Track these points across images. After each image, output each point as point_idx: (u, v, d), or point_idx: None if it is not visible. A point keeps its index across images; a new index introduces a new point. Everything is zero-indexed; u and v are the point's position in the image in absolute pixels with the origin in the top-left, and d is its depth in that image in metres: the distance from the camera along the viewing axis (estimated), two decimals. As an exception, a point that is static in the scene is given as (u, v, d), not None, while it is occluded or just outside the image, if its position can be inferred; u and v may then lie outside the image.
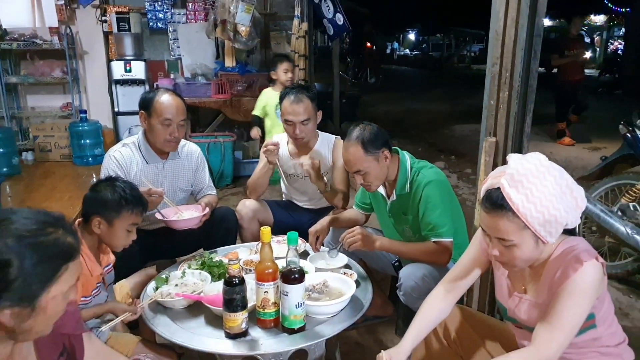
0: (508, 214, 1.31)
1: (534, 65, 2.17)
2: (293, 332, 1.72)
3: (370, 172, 2.16)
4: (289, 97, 2.63)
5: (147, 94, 2.45)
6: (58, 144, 5.04)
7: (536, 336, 1.38)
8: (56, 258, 0.98)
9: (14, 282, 0.92)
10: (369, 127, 2.17)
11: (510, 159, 1.36)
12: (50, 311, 0.99)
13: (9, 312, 0.93)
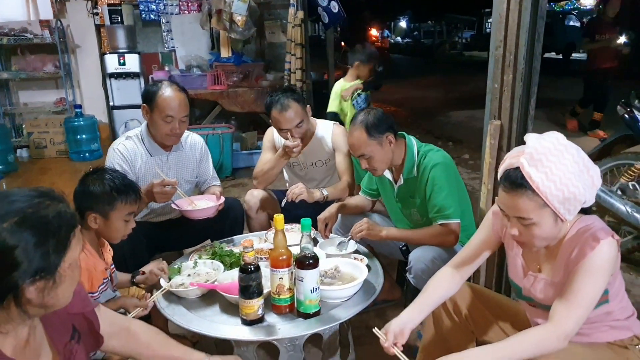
0: (528, 193, 1.33)
1: (538, 47, 2.18)
2: (309, 317, 1.74)
3: (374, 156, 2.18)
4: (275, 107, 2.57)
5: (150, 87, 2.41)
6: (53, 140, 5.00)
7: (554, 313, 1.40)
8: (64, 228, 1.00)
9: (30, 259, 0.94)
10: (373, 112, 2.19)
11: (528, 139, 1.37)
12: (69, 279, 1.03)
13: (33, 288, 0.96)
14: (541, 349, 1.38)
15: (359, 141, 2.17)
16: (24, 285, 0.94)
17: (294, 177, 2.96)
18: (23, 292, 0.95)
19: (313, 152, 2.78)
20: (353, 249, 2.20)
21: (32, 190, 1.01)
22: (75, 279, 1.06)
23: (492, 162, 2.36)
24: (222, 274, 1.94)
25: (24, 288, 0.95)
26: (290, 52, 5.13)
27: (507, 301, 1.85)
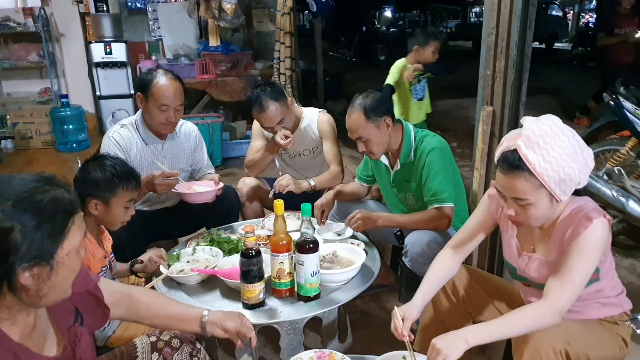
0: (525, 174, 1.36)
1: (529, 34, 2.22)
2: (309, 300, 1.77)
3: (371, 139, 2.20)
4: (254, 106, 2.60)
5: (145, 76, 2.40)
6: (39, 131, 4.91)
7: (549, 290, 1.45)
8: (61, 213, 0.98)
9: (25, 244, 0.92)
10: (371, 95, 2.21)
11: (525, 122, 1.41)
12: (67, 268, 1.00)
13: (28, 274, 0.94)
14: (537, 325, 1.43)
15: (357, 124, 2.19)
16: (18, 270, 0.93)
17: (285, 165, 2.98)
18: (17, 277, 0.93)
19: (299, 141, 2.79)
20: (350, 233, 2.23)
21: (34, 175, 1.00)
22: (75, 268, 1.04)
23: (484, 148, 2.40)
24: (221, 259, 1.96)
25: (18, 273, 0.93)
26: (279, 40, 5.11)
27: (501, 282, 1.90)
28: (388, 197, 2.50)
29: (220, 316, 1.42)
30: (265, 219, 2.42)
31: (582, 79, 9.77)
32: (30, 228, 0.92)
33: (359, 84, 9.56)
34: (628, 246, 3.28)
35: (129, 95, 5.15)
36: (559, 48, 17.29)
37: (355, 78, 10.05)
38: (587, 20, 20.41)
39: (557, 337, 1.43)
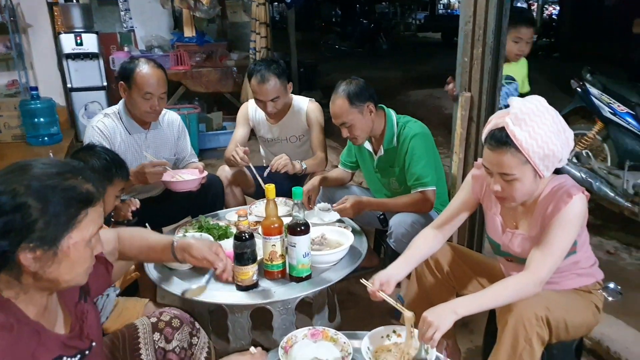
0: (512, 150, 1.45)
1: (505, 21, 2.31)
2: (301, 280, 1.82)
3: (355, 125, 2.26)
4: (256, 76, 2.62)
5: (127, 64, 2.39)
6: (8, 124, 4.79)
7: (530, 262, 1.54)
8: (74, 202, 0.98)
9: (33, 223, 0.93)
10: (355, 81, 2.27)
11: (512, 101, 1.49)
12: (73, 257, 1.00)
13: (31, 255, 0.94)
14: (520, 294, 1.52)
15: (341, 109, 2.24)
16: (20, 248, 0.93)
17: (269, 153, 3.01)
18: (18, 255, 0.93)
19: (288, 126, 2.84)
20: (337, 217, 2.28)
21: (62, 162, 1.02)
22: (84, 260, 1.03)
23: (462, 133, 2.49)
24: (213, 244, 1.98)
25: (19, 251, 0.93)
26: (255, 31, 5.11)
27: (484, 258, 1.99)
28: (371, 182, 2.57)
29: (189, 243, 1.46)
30: (252, 206, 2.45)
31: (546, 69, 10.07)
32: (40, 210, 0.93)
33: (331, 75, 9.63)
34: (596, 225, 3.45)
35: (101, 87, 5.07)
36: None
37: (328, 69, 10.09)
38: (550, 12, 20.94)
39: (538, 305, 1.51)
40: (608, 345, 2.16)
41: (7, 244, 0.92)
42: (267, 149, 3.01)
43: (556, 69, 9.53)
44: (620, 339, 2.19)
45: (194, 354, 1.47)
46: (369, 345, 1.54)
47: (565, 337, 1.63)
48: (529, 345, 1.48)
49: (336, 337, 1.59)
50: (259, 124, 2.91)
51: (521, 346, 1.48)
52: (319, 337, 1.61)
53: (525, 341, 1.48)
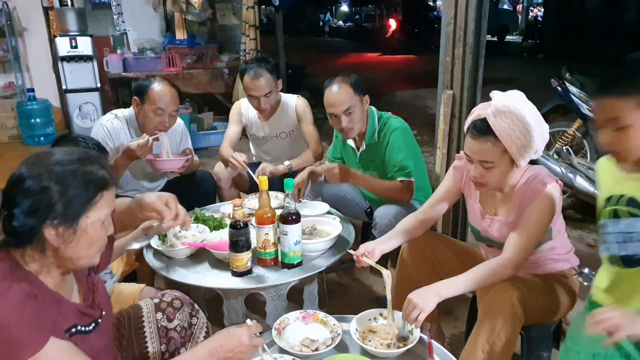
0: (491, 139, 1.57)
1: (484, 23, 2.45)
2: (292, 267, 1.92)
3: (355, 113, 2.36)
4: (248, 72, 2.74)
5: (142, 82, 2.51)
6: (5, 125, 4.88)
7: (507, 246, 1.66)
8: (92, 185, 1.10)
9: (56, 203, 1.04)
10: (351, 75, 2.39)
11: (494, 95, 1.62)
12: (90, 235, 1.11)
13: (54, 231, 1.06)
14: (498, 275, 1.64)
15: (346, 95, 2.33)
16: (45, 224, 1.04)
17: (259, 151, 3.11)
18: (43, 231, 1.04)
19: (278, 122, 2.95)
20: (326, 209, 2.39)
21: (81, 151, 1.15)
22: (99, 240, 1.14)
23: (445, 129, 2.62)
24: (208, 234, 2.09)
25: (45, 227, 1.04)
26: (245, 33, 5.22)
27: (466, 245, 2.12)
28: (355, 176, 2.68)
29: (141, 196, 1.47)
30: (245, 199, 2.55)
31: (531, 70, 10.28)
32: (62, 191, 1.05)
33: (317, 76, 9.77)
34: (577, 219, 3.60)
35: (95, 88, 5.16)
36: (510, 41, 17.98)
37: (314, 71, 10.22)
38: (535, 14, 21.25)
39: (515, 287, 1.62)
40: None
41: (34, 221, 1.04)
42: (259, 147, 3.11)
43: (540, 69, 9.71)
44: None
45: (193, 333, 1.57)
46: (357, 327, 1.64)
47: (541, 319, 1.74)
48: (506, 324, 1.58)
49: (326, 320, 1.69)
50: (251, 122, 3.01)
51: (499, 325, 1.58)
52: (310, 320, 1.71)
53: (503, 320, 1.58)
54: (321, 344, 1.58)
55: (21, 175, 1.05)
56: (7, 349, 0.99)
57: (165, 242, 2.06)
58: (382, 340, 1.61)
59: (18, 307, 1.00)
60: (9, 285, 1.02)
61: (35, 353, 1.00)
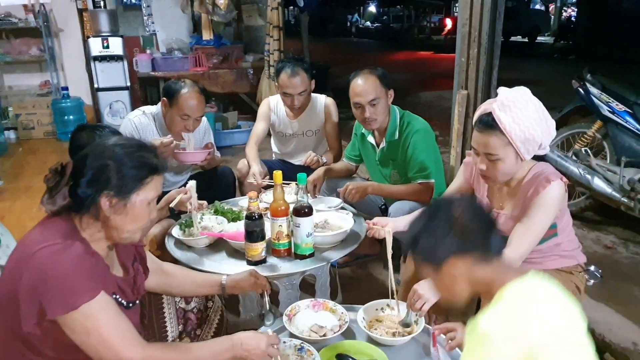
0: (497, 132, 1.63)
1: (499, 24, 2.49)
2: (304, 258, 2.01)
3: (379, 104, 2.42)
4: (285, 70, 2.83)
5: (173, 84, 2.61)
6: (41, 121, 5.11)
7: (512, 239, 1.70)
8: (145, 167, 1.27)
9: (112, 178, 1.21)
10: (379, 68, 2.46)
11: (500, 90, 1.68)
12: (137, 211, 1.26)
13: (108, 202, 1.22)
14: None
15: (373, 85, 2.40)
16: (103, 193, 1.21)
17: (283, 148, 3.21)
18: (100, 199, 1.22)
19: (307, 121, 3.05)
20: (340, 205, 2.47)
21: (139, 140, 1.36)
22: (144, 217, 1.29)
23: (459, 128, 2.67)
24: (226, 225, 2.20)
25: (102, 196, 1.22)
26: (269, 34, 5.33)
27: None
28: (374, 174, 2.75)
29: (236, 280, 1.67)
30: (262, 193, 2.65)
31: (562, 71, 10.11)
32: (119, 169, 1.22)
33: (343, 77, 9.83)
34: (595, 221, 3.57)
35: (125, 87, 5.36)
36: (541, 42, 17.69)
37: (339, 72, 10.27)
38: (569, 14, 20.82)
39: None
40: (593, 327, 2.30)
41: (93, 190, 1.21)
42: (283, 145, 3.20)
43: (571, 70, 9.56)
44: (605, 322, 2.33)
45: (209, 316, 1.68)
46: (364, 316, 1.72)
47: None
48: None
49: (335, 308, 1.77)
50: (279, 119, 3.10)
51: None
52: (320, 308, 1.79)
53: None
54: (329, 330, 1.66)
55: (88, 152, 1.24)
56: (67, 293, 1.13)
57: (185, 232, 2.19)
58: (387, 328, 1.68)
59: (79, 259, 1.16)
60: (72, 241, 1.19)
61: (88, 301, 1.15)
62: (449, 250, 1.15)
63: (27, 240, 1.22)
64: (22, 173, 4.13)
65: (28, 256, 1.16)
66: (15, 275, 1.16)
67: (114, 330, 1.18)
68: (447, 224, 1.15)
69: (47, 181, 1.23)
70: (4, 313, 1.21)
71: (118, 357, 1.17)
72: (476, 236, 1.15)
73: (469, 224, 1.15)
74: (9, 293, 1.17)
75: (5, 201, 3.24)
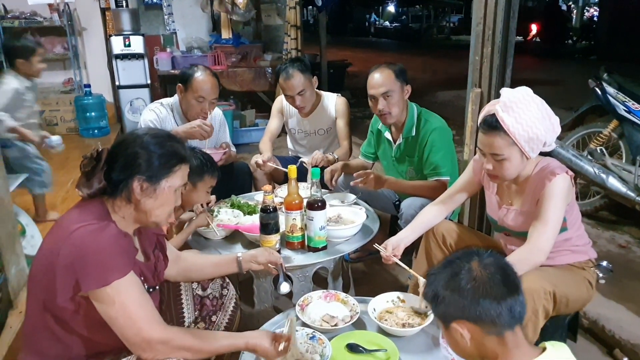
0: (500, 133, 1.66)
1: (513, 23, 2.50)
2: (317, 250, 2.06)
3: (394, 98, 2.46)
4: (282, 74, 2.92)
5: (187, 70, 2.72)
6: (64, 118, 5.26)
7: (530, 236, 1.73)
8: (174, 157, 1.37)
9: (144, 164, 1.31)
10: (397, 64, 2.51)
11: (502, 91, 1.71)
12: (165, 196, 1.35)
13: (139, 185, 1.31)
14: (524, 265, 1.67)
15: (386, 78, 2.44)
16: (134, 178, 1.31)
17: (298, 145, 3.27)
18: (132, 182, 1.31)
19: (318, 119, 3.10)
20: (353, 200, 2.52)
21: (165, 132, 1.43)
22: (169, 203, 1.38)
23: (473, 125, 2.68)
24: (242, 218, 2.26)
25: (134, 180, 1.31)
26: (287, 33, 5.40)
27: (486, 236, 2.20)
28: (389, 171, 2.78)
29: (251, 254, 1.76)
30: (278, 189, 2.72)
31: (582, 72, 9.97)
32: (150, 155, 1.32)
33: (360, 76, 9.86)
34: (609, 220, 3.57)
35: (145, 85, 5.47)
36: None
37: (357, 71, 10.30)
38: (591, 14, 20.50)
39: (545, 280, 1.68)
40: (603, 324, 2.32)
41: (126, 175, 1.31)
42: (296, 142, 3.26)
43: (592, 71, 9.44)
44: (616, 319, 2.34)
45: (224, 303, 1.75)
46: (374, 307, 1.77)
47: (565, 311, 1.79)
48: (534, 316, 1.64)
49: (346, 300, 1.82)
50: (292, 117, 3.17)
51: (527, 317, 1.57)
52: (332, 299, 1.84)
53: (532, 312, 1.63)
54: (340, 320, 1.71)
55: (122, 140, 1.36)
56: (101, 269, 1.21)
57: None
58: (398, 320, 1.72)
59: (114, 239, 1.26)
60: (107, 223, 1.28)
61: (119, 279, 1.23)
62: (458, 314, 1.12)
63: (65, 220, 1.31)
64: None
65: (66, 234, 1.24)
66: (53, 251, 1.24)
67: (140, 307, 1.25)
68: (465, 285, 1.11)
69: (83, 167, 1.32)
70: (39, 288, 1.29)
71: (140, 332, 1.24)
72: (489, 304, 1.09)
73: (486, 288, 1.10)
74: (46, 268, 1.25)
75: (30, 194, 3.36)
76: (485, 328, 1.10)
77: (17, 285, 2.15)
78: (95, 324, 1.26)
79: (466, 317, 1.11)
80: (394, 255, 1.91)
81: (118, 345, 1.28)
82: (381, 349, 1.56)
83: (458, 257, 1.18)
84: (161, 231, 1.57)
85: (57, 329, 1.29)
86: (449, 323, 1.14)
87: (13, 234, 2.18)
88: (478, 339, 1.12)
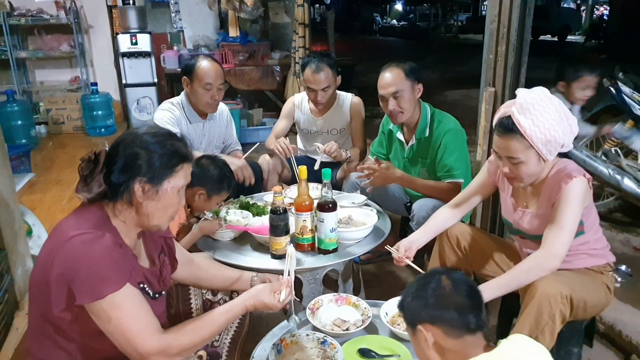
0: (517, 136, 1.61)
1: (528, 21, 2.45)
2: (328, 253, 2.01)
3: (404, 97, 2.41)
4: (310, 66, 2.85)
5: (188, 61, 2.71)
6: (70, 116, 5.24)
7: (545, 240, 1.68)
8: (176, 156, 1.31)
9: (144, 165, 1.26)
10: (408, 62, 2.46)
11: (518, 92, 1.66)
12: (168, 198, 1.30)
13: (140, 187, 1.26)
14: (539, 270, 1.65)
15: (396, 77, 2.39)
16: (135, 180, 1.25)
17: (309, 146, 3.22)
18: (133, 185, 1.26)
19: (332, 119, 3.05)
20: (364, 201, 2.47)
21: (167, 130, 1.37)
22: (172, 205, 1.33)
23: (486, 125, 2.64)
24: (251, 219, 2.22)
25: (135, 182, 1.26)
26: (295, 31, 5.35)
27: (500, 239, 2.16)
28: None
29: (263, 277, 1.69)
30: (287, 189, 2.67)
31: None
32: (150, 157, 1.27)
33: (368, 75, 9.80)
34: (624, 222, 3.50)
35: (152, 83, 5.44)
36: (572, 41, 17.32)
37: (365, 70, 10.25)
38: (601, 13, 20.34)
39: (562, 284, 1.63)
40: (620, 329, 2.27)
41: (126, 177, 1.26)
42: (308, 142, 3.21)
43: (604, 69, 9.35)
44: (633, 324, 2.29)
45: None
46: (387, 311, 1.72)
47: (583, 316, 1.74)
48: (551, 321, 1.60)
49: (358, 303, 1.78)
50: (304, 116, 3.12)
51: (544, 321, 1.60)
52: (343, 302, 1.80)
53: (549, 317, 1.59)
54: (352, 324, 1.67)
55: (121, 140, 1.29)
56: (95, 282, 1.17)
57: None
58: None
59: (108, 250, 1.20)
60: (104, 232, 1.22)
61: (115, 291, 1.18)
62: (423, 316, 1.19)
63: (61, 227, 1.26)
64: (52, 166, 4.24)
65: (61, 243, 1.20)
66: (48, 260, 1.20)
67: (134, 322, 1.20)
68: (432, 292, 1.20)
69: (81, 170, 1.27)
70: (38, 297, 1.26)
71: (136, 349, 1.20)
72: (453, 311, 1.17)
73: (451, 297, 1.19)
74: (42, 277, 1.22)
75: (36, 193, 3.34)
76: (446, 331, 1.17)
77: (23, 286, 2.12)
78: (94, 333, 1.23)
79: (430, 321, 1.18)
80: (407, 257, 1.86)
81: (120, 352, 1.24)
82: (394, 354, 1.52)
83: (430, 274, 1.28)
84: (169, 234, 1.53)
85: (58, 337, 1.26)
86: (415, 326, 1.21)
87: (19, 234, 2.15)
88: (440, 343, 1.18)
